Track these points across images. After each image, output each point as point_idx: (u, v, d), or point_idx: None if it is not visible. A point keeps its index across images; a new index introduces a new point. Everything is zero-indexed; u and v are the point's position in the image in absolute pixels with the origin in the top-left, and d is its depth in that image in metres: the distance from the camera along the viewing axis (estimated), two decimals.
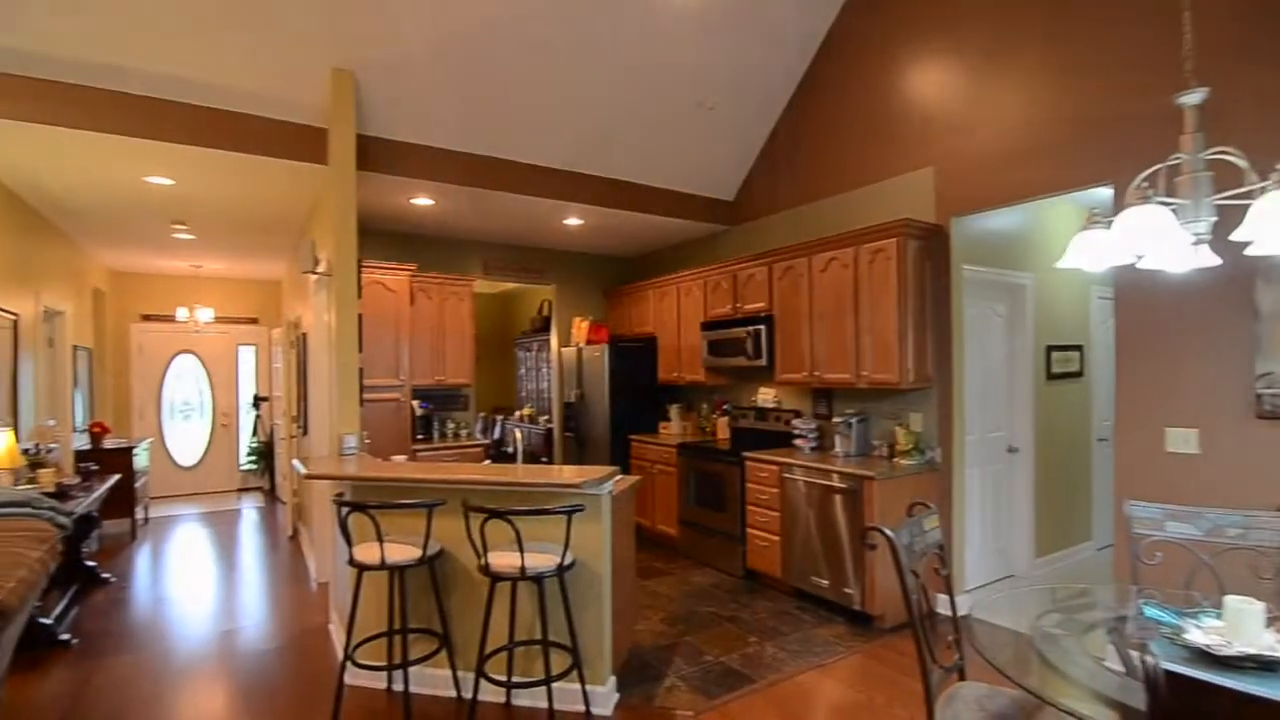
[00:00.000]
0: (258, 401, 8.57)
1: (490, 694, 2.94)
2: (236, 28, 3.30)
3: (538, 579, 2.57)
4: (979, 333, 4.29)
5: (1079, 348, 4.93)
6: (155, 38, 3.26)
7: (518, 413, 8.32)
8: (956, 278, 3.97)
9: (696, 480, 5.08)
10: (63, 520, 2.58)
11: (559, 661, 2.85)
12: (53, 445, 4.59)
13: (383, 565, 2.69)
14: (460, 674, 3.03)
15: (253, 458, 8.59)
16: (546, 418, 7.38)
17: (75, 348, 5.98)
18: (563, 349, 6.76)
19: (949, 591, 2.09)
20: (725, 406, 5.63)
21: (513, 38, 3.74)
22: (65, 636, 3.71)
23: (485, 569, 2.61)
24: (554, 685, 2.68)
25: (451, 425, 6.03)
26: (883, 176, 4.36)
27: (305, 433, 5.40)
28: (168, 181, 4.21)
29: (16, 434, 4.08)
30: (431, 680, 3.07)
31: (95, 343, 6.97)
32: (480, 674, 2.65)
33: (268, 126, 3.81)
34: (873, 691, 3.10)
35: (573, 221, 5.51)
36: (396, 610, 3.06)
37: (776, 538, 4.35)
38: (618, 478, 2.98)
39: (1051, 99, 3.42)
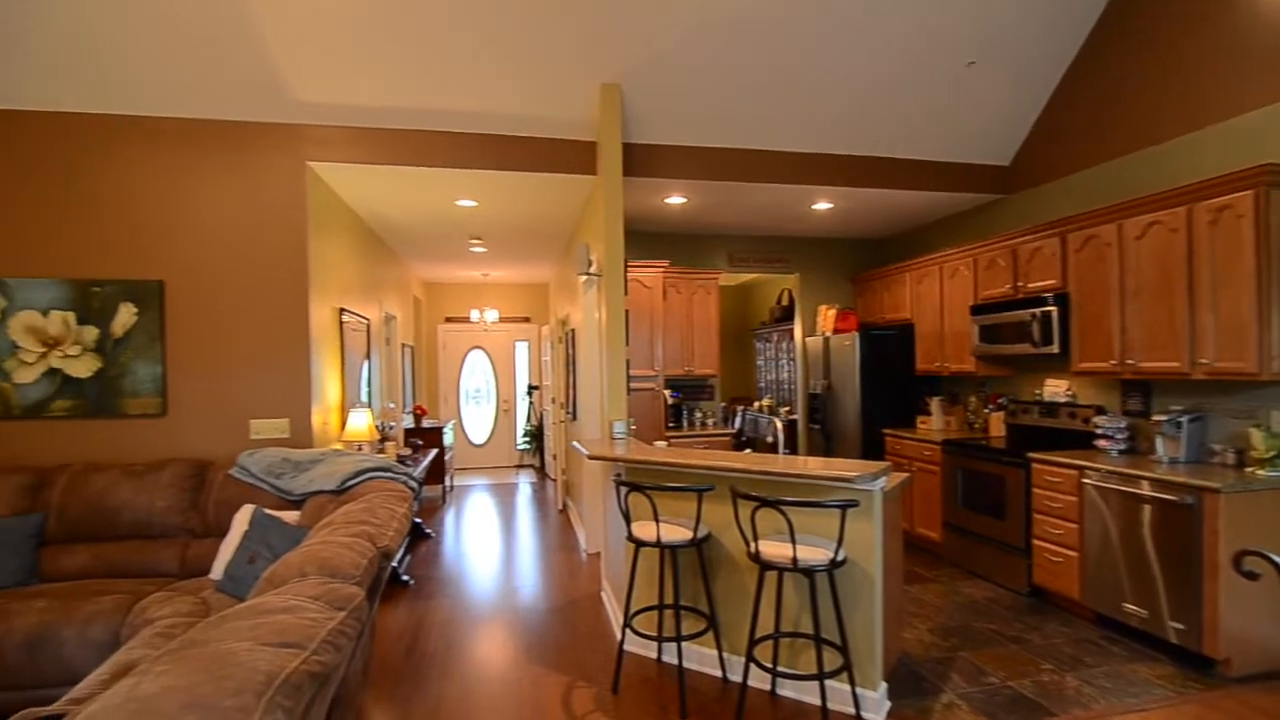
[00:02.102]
0: (531, 390, 9.76)
1: (755, 679, 2.98)
2: (520, 64, 3.76)
3: (809, 572, 2.53)
4: None
5: None
6: (460, 83, 3.86)
7: (756, 404, 8.34)
8: None
9: (965, 481, 4.60)
10: (413, 484, 3.20)
11: (828, 659, 2.79)
12: (393, 424, 5.71)
13: (658, 543, 2.87)
14: (725, 655, 3.12)
15: (526, 439, 9.81)
16: (787, 409, 7.28)
17: (403, 345, 7.37)
18: (807, 339, 6.60)
19: None
20: (1000, 400, 5.01)
21: (764, 24, 3.72)
22: (405, 578, 4.61)
23: (755, 556, 2.64)
24: (825, 683, 2.63)
25: (699, 414, 6.24)
26: (1222, 116, 3.50)
27: (574, 418, 6.01)
28: (472, 203, 4.98)
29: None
30: (697, 657, 3.22)
31: (415, 341, 8.52)
32: (751, 659, 2.69)
33: (548, 146, 4.29)
34: None
35: (821, 206, 5.33)
36: (668, 587, 3.26)
37: (1073, 553, 3.76)
38: (890, 474, 2.82)
39: None
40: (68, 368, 3.72)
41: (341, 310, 4.71)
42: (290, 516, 3.18)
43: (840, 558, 2.55)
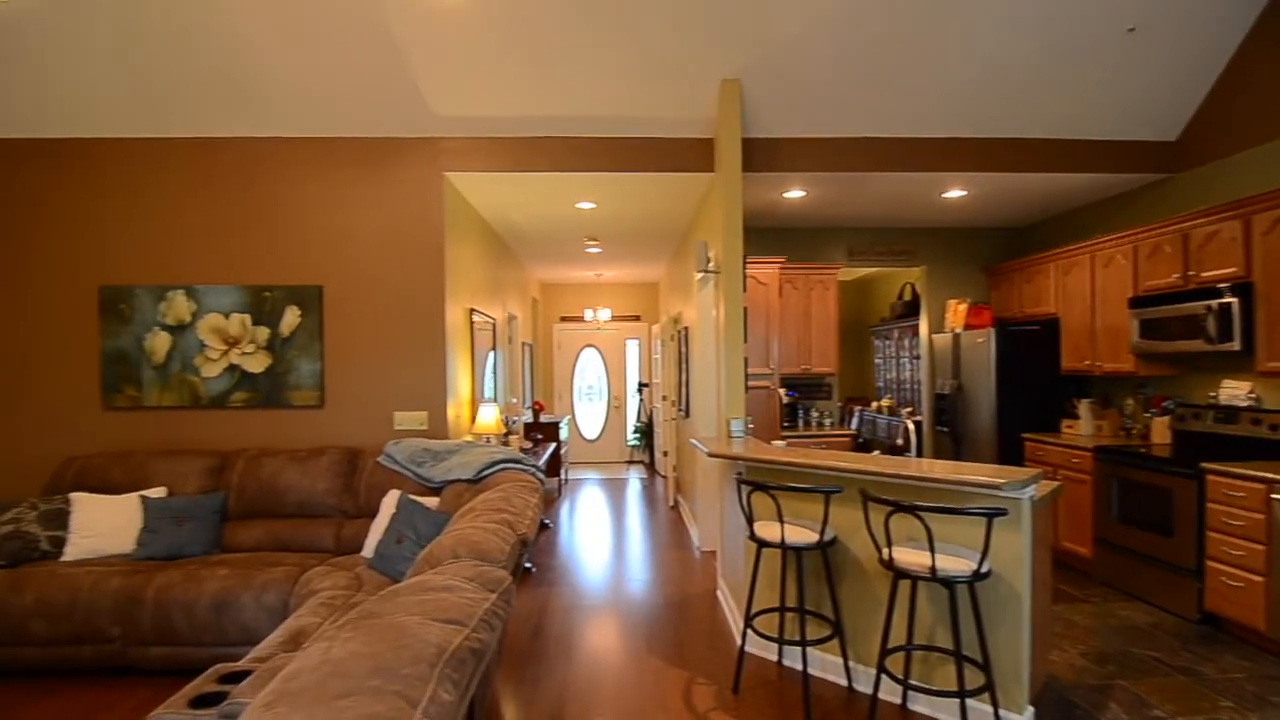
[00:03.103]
0: (641, 387, 9.90)
1: (884, 691, 2.86)
2: (639, 67, 3.81)
3: (949, 583, 2.39)
4: None
5: None
6: (583, 90, 3.96)
7: (874, 404, 7.98)
8: None
9: (1121, 493, 4.17)
10: (541, 475, 3.35)
11: (968, 677, 2.62)
12: (515, 418, 5.98)
13: (782, 545, 2.82)
14: (851, 664, 3.02)
15: (636, 435, 9.96)
16: (909, 410, 6.91)
17: (523, 344, 7.71)
18: (934, 335, 6.23)
19: None
20: (1166, 404, 4.49)
21: (886, 2, 3.54)
22: (528, 565, 4.81)
23: (888, 563, 2.53)
24: (966, 702, 2.47)
25: (815, 414, 6.07)
26: None
27: (687, 415, 6.03)
28: (591, 205, 5.12)
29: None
30: (820, 663, 3.13)
31: (533, 339, 8.89)
32: (882, 670, 2.59)
33: (665, 146, 4.33)
34: None
35: (953, 194, 5.01)
36: (789, 589, 3.20)
37: (1258, 578, 3.31)
38: (1040, 481, 2.61)
39: None
40: (245, 364, 4.20)
41: (472, 311, 5.00)
42: (431, 502, 3.42)
43: (984, 569, 2.39)
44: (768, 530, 2.92)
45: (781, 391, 5.58)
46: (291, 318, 4.20)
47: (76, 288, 4.18)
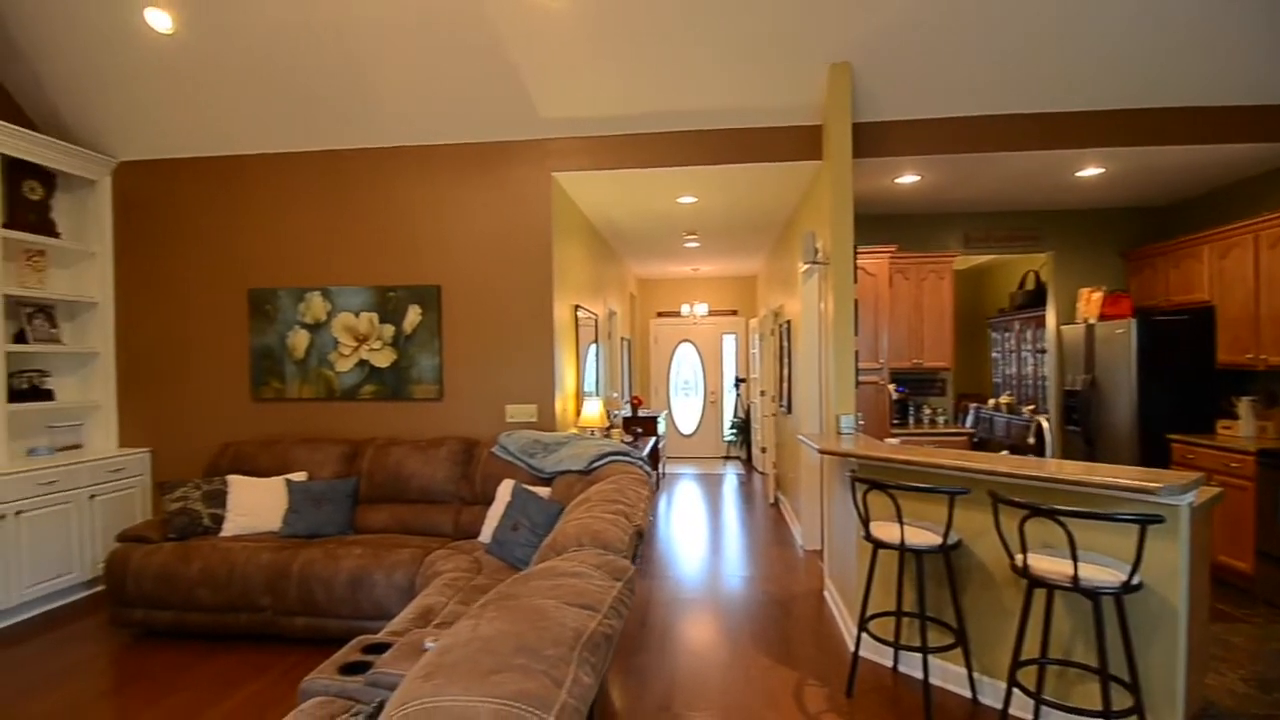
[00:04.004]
0: (738, 382, 9.80)
1: (1013, 705, 2.69)
2: (744, 56, 3.75)
3: (1093, 595, 2.21)
4: None
5: None
6: (686, 83, 3.95)
7: (991, 401, 7.48)
8: None
9: None
10: (648, 469, 3.39)
11: (1114, 698, 2.41)
12: (616, 411, 6.08)
13: (901, 546, 2.70)
14: (975, 675, 2.86)
15: (733, 431, 9.87)
16: (1031, 407, 6.43)
17: (622, 339, 7.82)
18: (1063, 327, 5.77)
19: None
20: None
21: None
22: None
23: (1022, 570, 2.37)
24: None
25: (927, 411, 5.78)
26: None
27: (788, 411, 5.90)
28: (693, 199, 5.12)
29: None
30: (940, 672, 2.99)
31: (631, 335, 9.00)
32: (1014, 683, 2.43)
33: (769, 135, 4.25)
34: None
35: (1088, 172, 4.61)
36: (906, 593, 3.07)
37: None
38: (1201, 487, 2.36)
39: None
40: (373, 359, 4.51)
41: (577, 307, 5.12)
42: (542, 491, 3.54)
43: (1134, 581, 2.19)
44: (885, 531, 2.81)
45: (891, 387, 5.35)
46: (413, 316, 4.47)
47: (229, 291, 4.64)
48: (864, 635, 2.97)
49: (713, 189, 4.88)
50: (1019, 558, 2.40)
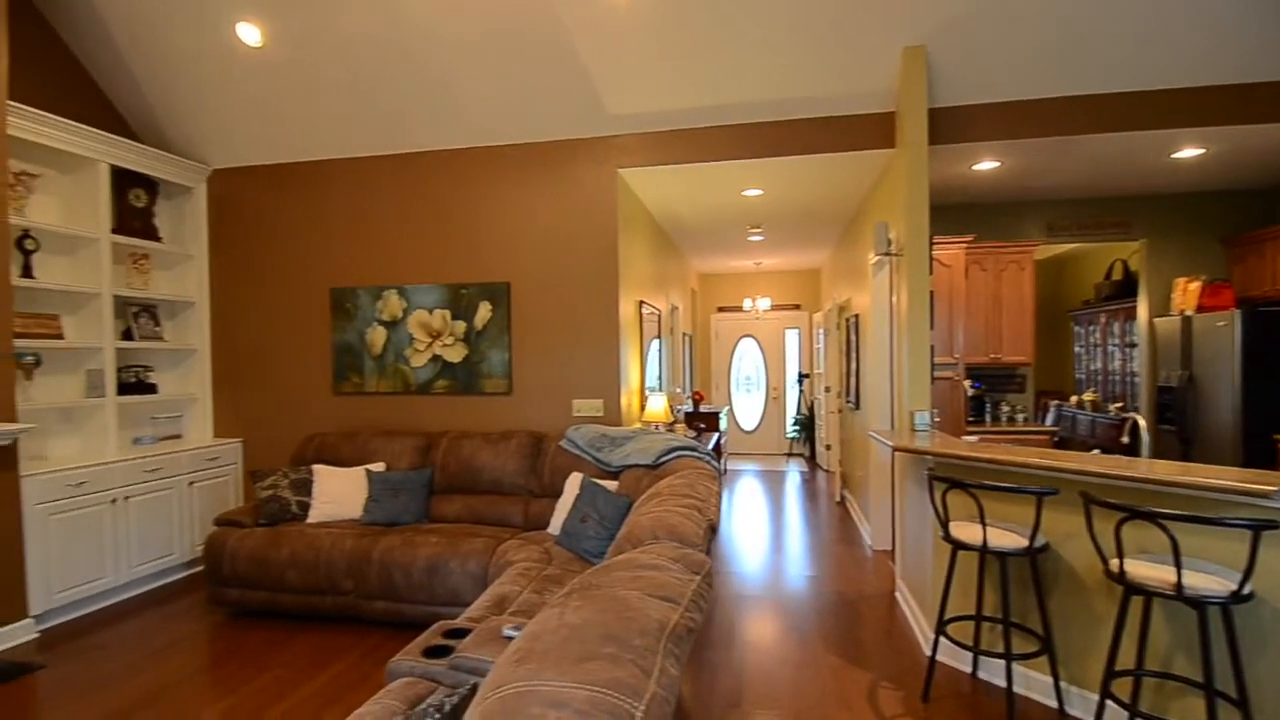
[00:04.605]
0: (801, 378, 9.63)
1: (1105, 717, 2.55)
2: (813, 43, 3.66)
3: (1198, 604, 2.07)
4: None
5: None
6: (752, 74, 3.90)
7: (1074, 398, 7.09)
8: None
9: None
10: (716, 465, 3.37)
11: (1220, 716, 2.25)
12: (679, 407, 6.08)
13: (983, 548, 2.60)
14: (1062, 684, 2.72)
15: (796, 427, 9.71)
16: (1119, 405, 6.06)
17: (684, 334, 7.81)
18: (1156, 319, 5.42)
19: None
20: None
21: None
22: None
23: (1118, 576, 2.24)
24: None
25: (1005, 408, 5.53)
26: None
27: (856, 407, 5.76)
28: (758, 192, 5.05)
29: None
30: (1024, 680, 2.87)
31: (692, 330, 8.97)
32: (1107, 695, 2.30)
33: (839, 124, 4.15)
34: None
35: (1186, 153, 4.30)
36: (987, 596, 2.95)
37: None
38: None
39: None
40: (445, 354, 4.66)
41: (641, 303, 5.14)
42: (610, 485, 3.58)
43: (1245, 591, 2.04)
44: (965, 532, 2.71)
45: (966, 383, 5.14)
46: (484, 312, 4.59)
47: (313, 290, 4.88)
48: (941, 639, 2.87)
49: (779, 181, 4.80)
50: (1114, 563, 2.27)
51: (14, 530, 3.48)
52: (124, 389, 4.44)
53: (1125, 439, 2.94)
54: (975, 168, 4.53)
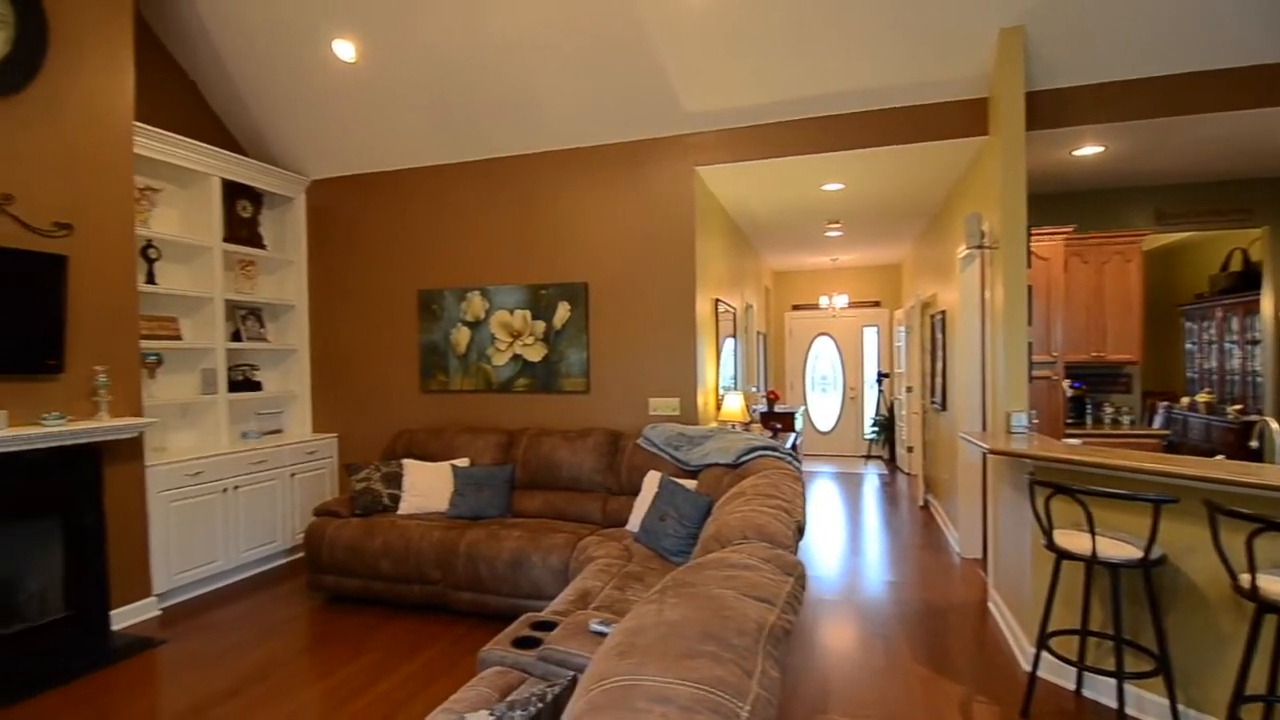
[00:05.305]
0: (880, 378, 9.31)
1: None
2: (899, 29, 3.53)
3: None
4: None
5: None
6: (834, 65, 3.80)
7: (1185, 399, 6.54)
8: None
9: None
10: (797, 464, 3.31)
11: None
12: (755, 407, 6.00)
13: (1091, 558, 2.44)
14: (1180, 708, 2.52)
15: (875, 428, 9.40)
16: (1238, 407, 5.54)
17: (758, 333, 7.70)
18: None
19: None
20: None
21: None
22: None
23: (1249, 593, 2.05)
24: None
25: (1109, 409, 5.17)
26: None
27: (942, 408, 5.52)
28: (839, 186, 4.92)
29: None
30: (1136, 701, 2.66)
31: (765, 328, 8.84)
32: None
33: (926, 113, 3.99)
34: None
35: None
36: (1094, 610, 2.77)
37: None
38: None
39: None
40: (526, 354, 4.78)
41: (717, 301, 5.11)
42: (689, 484, 3.56)
43: None
44: (1071, 540, 2.55)
45: (1065, 383, 4.83)
46: (563, 312, 4.67)
47: (402, 292, 5.10)
48: (1050, 654, 2.71)
49: (862, 174, 4.66)
50: (1245, 578, 2.08)
51: (140, 515, 3.81)
52: (233, 386, 4.78)
53: (1255, 443, 2.69)
54: (1076, 153, 4.25)
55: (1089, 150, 4.20)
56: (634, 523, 3.70)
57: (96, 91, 3.61)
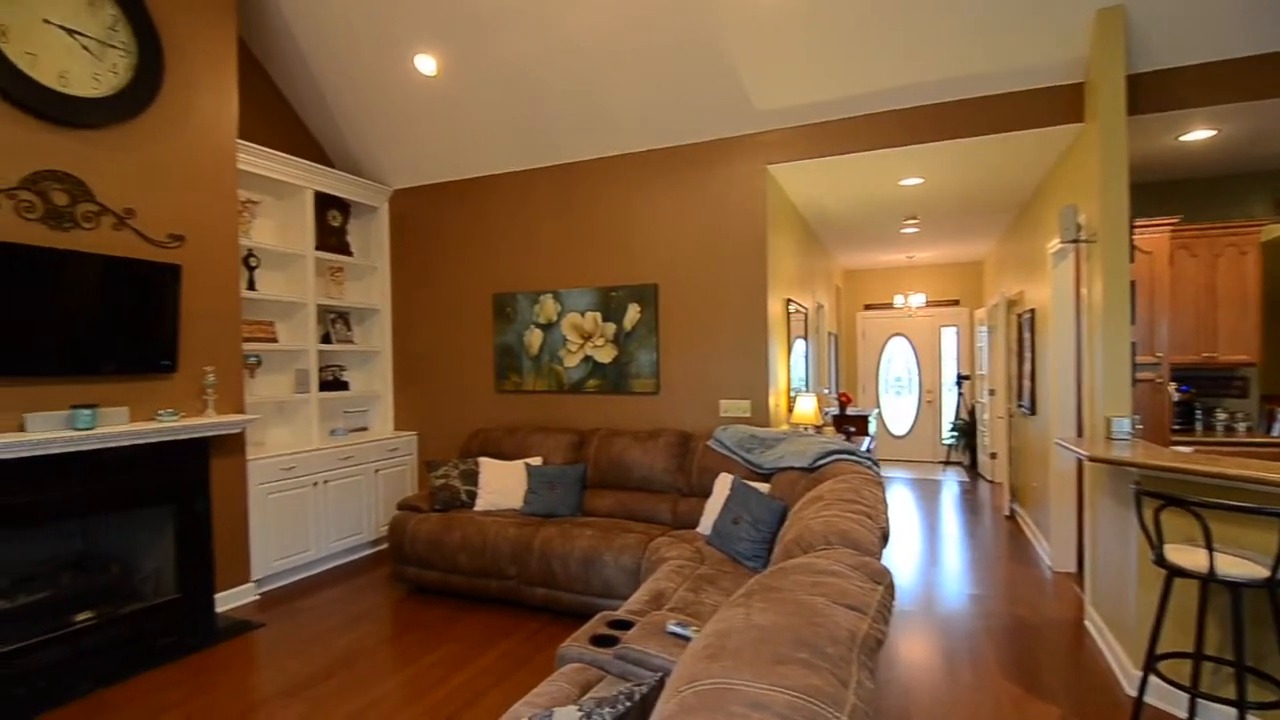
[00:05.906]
0: (960, 380, 8.92)
1: None
2: (985, 14, 3.37)
3: None
4: None
5: None
6: (912, 55, 3.67)
7: None
8: None
9: None
10: (876, 469, 3.21)
11: None
12: (827, 409, 5.86)
13: (1209, 576, 2.25)
14: None
15: (954, 433, 8.99)
16: None
17: (829, 333, 7.52)
18: None
19: None
20: None
21: None
22: None
23: None
24: None
25: (1221, 415, 4.76)
26: None
27: (1031, 412, 5.23)
28: (918, 180, 4.75)
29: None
30: None
31: (836, 329, 8.62)
32: None
33: (1014, 101, 3.79)
34: None
35: None
36: (1209, 632, 2.55)
37: None
38: None
39: None
40: (596, 355, 4.83)
41: (789, 301, 5.02)
42: (762, 487, 3.51)
43: None
44: (1184, 557, 2.36)
45: (1171, 386, 4.48)
46: (633, 314, 4.70)
47: (477, 296, 5.26)
48: (1158, 678, 2.52)
49: (942, 167, 4.47)
50: None
51: (241, 505, 4.07)
52: (324, 386, 5.05)
53: None
54: (1183, 138, 3.94)
55: (1199, 134, 3.88)
56: (705, 525, 3.67)
57: (205, 112, 3.89)
